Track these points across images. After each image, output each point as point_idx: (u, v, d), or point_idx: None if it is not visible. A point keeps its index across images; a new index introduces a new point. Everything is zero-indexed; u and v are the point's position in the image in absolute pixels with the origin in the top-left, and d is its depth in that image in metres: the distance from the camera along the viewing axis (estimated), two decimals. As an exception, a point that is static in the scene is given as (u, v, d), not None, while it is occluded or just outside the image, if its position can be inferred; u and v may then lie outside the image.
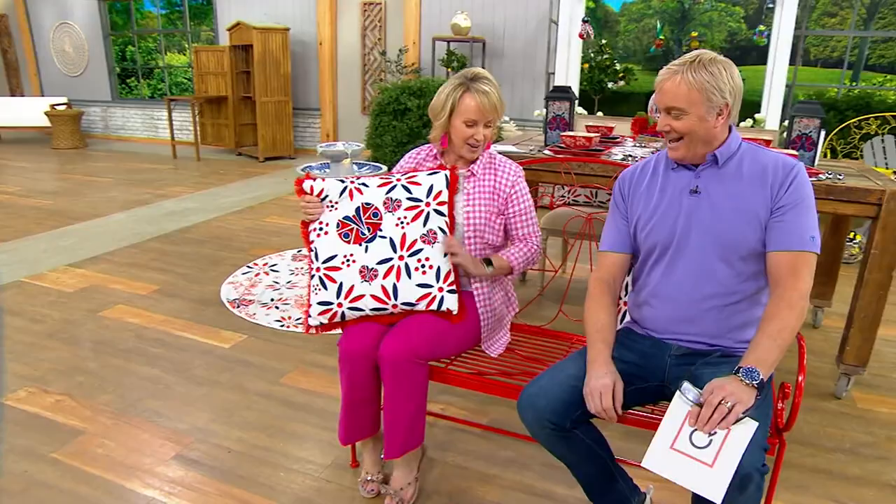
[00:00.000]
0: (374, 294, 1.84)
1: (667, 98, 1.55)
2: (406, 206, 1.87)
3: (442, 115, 1.94)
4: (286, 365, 2.78)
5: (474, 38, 6.96)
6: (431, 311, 1.86)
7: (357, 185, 1.90)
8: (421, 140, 6.05)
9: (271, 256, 4.19)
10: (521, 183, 2.03)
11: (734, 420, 1.34)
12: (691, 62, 1.52)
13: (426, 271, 1.84)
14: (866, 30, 6.31)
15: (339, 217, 1.87)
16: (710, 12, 8.01)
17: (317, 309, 1.88)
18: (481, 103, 1.88)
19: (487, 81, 1.92)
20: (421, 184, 1.89)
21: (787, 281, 1.50)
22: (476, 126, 1.91)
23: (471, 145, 1.95)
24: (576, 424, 1.55)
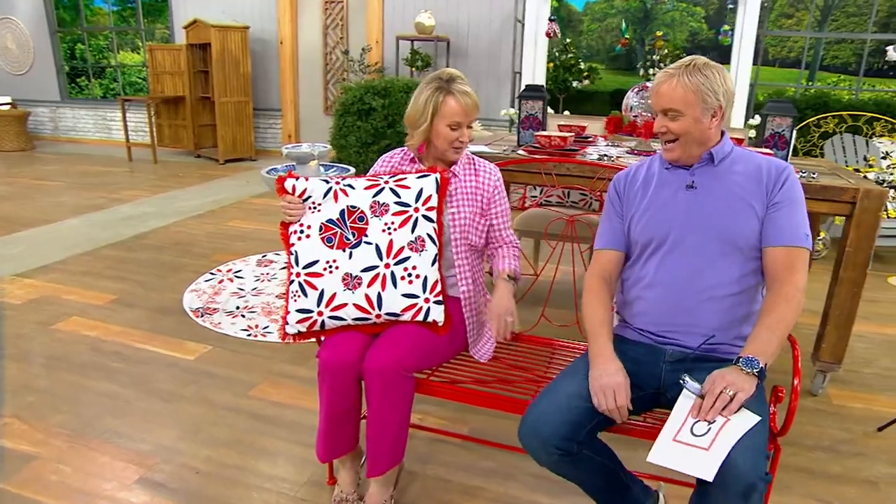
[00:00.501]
0: (357, 303, 1.75)
1: (664, 100, 1.60)
2: (394, 210, 1.78)
3: (422, 122, 1.85)
4: (254, 376, 2.65)
5: (439, 37, 6.89)
6: (416, 322, 1.77)
7: (343, 186, 1.80)
8: (386, 140, 5.95)
9: (235, 262, 4.04)
10: (502, 183, 2.01)
11: (736, 408, 1.36)
12: (686, 66, 1.58)
13: (413, 280, 1.76)
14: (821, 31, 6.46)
15: (322, 220, 1.77)
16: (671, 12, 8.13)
17: (295, 316, 1.78)
18: (465, 104, 1.83)
19: (463, 81, 1.88)
20: (410, 187, 1.80)
21: (784, 275, 1.53)
22: (461, 128, 1.86)
23: (456, 148, 1.89)
24: (583, 445, 1.49)
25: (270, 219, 5.09)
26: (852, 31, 6.80)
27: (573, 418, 1.48)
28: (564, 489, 2.03)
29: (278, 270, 3.90)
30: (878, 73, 7.00)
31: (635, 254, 1.74)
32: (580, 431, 1.48)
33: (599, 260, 1.79)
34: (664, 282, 1.65)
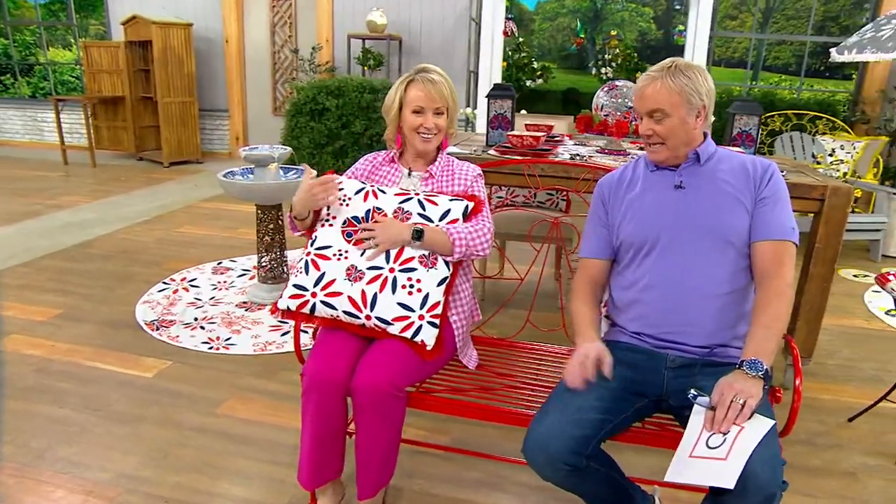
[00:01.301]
0: (352, 297, 1.69)
1: (649, 102, 1.59)
2: (414, 220, 1.75)
3: (392, 110, 1.88)
4: (221, 393, 2.50)
5: (391, 35, 6.78)
6: (404, 337, 1.68)
7: (376, 188, 1.81)
8: (340, 141, 5.81)
9: (189, 270, 3.83)
10: (480, 182, 1.96)
11: (749, 415, 1.33)
12: (669, 68, 1.59)
13: (413, 293, 1.70)
14: (763, 33, 6.67)
15: (348, 215, 1.77)
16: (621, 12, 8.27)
17: (290, 291, 1.74)
18: (427, 90, 1.81)
19: (436, 72, 1.87)
20: (438, 204, 1.79)
21: (773, 270, 1.53)
22: (424, 113, 1.83)
23: (421, 135, 1.85)
24: (590, 458, 1.44)
25: (223, 223, 4.88)
26: (792, 34, 7.08)
27: (583, 432, 1.43)
28: (553, 497, 1.98)
29: (235, 278, 3.73)
30: (816, 74, 7.32)
31: (627, 257, 1.71)
32: (589, 444, 1.43)
33: (586, 267, 1.78)
34: (660, 284, 1.62)
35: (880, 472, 2.18)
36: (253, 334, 3.02)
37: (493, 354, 2.03)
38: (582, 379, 1.48)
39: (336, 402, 1.63)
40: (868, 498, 2.05)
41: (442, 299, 1.71)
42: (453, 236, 1.71)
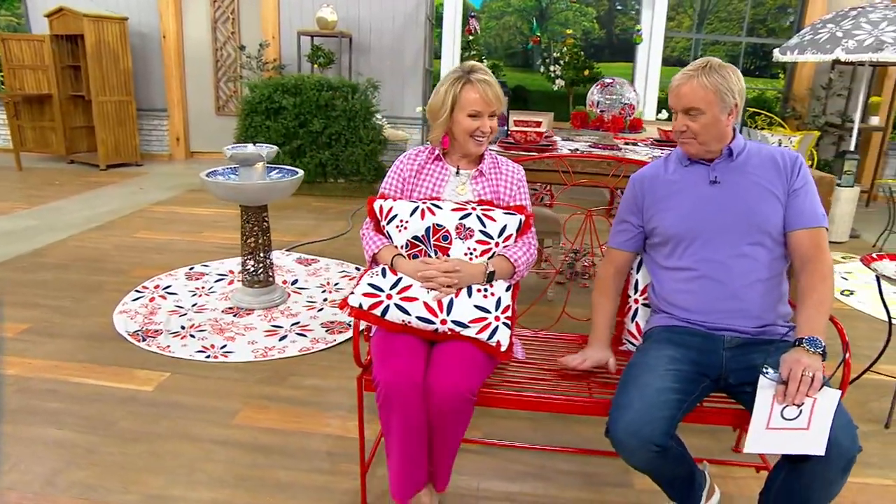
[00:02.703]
0: (427, 302, 1.66)
1: (685, 100, 1.67)
2: (478, 237, 1.75)
3: (442, 113, 1.83)
4: (232, 402, 2.39)
5: (342, 32, 6.66)
6: (477, 339, 1.67)
7: (429, 205, 1.78)
8: (298, 141, 5.66)
9: (161, 277, 3.63)
10: (525, 183, 1.97)
11: (819, 387, 1.40)
12: (703, 67, 1.67)
13: (487, 296, 1.71)
14: (699, 33, 7.00)
15: (408, 237, 1.76)
16: (565, 12, 8.47)
17: (364, 288, 1.71)
18: (484, 93, 1.79)
19: (485, 71, 1.85)
20: (496, 220, 1.79)
21: (815, 255, 1.63)
22: (481, 117, 1.81)
23: (476, 138, 1.83)
24: (672, 438, 1.49)
25: (183, 227, 4.64)
26: (725, 34, 7.51)
27: (669, 413, 1.48)
28: (602, 482, 2.02)
29: (213, 283, 3.56)
30: (748, 73, 7.77)
31: (667, 249, 1.78)
32: (673, 424, 1.48)
33: (613, 258, 1.91)
34: (707, 273, 1.69)
35: (875, 436, 2.36)
36: (248, 340, 2.89)
37: (535, 346, 2.04)
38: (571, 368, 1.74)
39: (419, 407, 1.58)
40: (868, 459, 2.20)
41: (511, 302, 1.75)
42: (517, 265, 1.79)
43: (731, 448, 2.22)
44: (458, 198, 1.87)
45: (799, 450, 1.36)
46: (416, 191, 1.88)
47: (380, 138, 5.87)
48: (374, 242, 1.83)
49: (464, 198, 1.87)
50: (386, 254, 1.78)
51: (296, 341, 2.90)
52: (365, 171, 5.79)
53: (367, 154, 5.76)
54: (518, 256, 1.79)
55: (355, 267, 3.93)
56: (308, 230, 4.71)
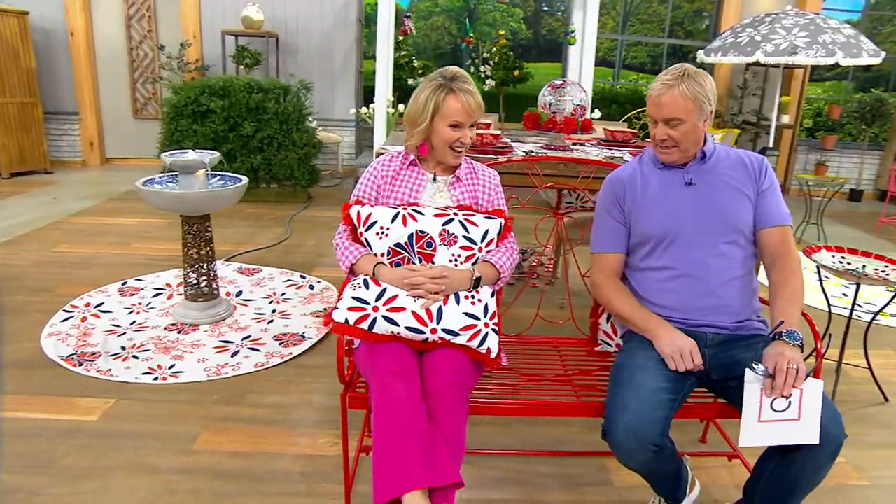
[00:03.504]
0: (416, 311, 1.60)
1: (666, 110, 1.68)
2: (462, 244, 1.71)
3: (422, 121, 1.77)
4: (190, 427, 2.24)
5: (269, 32, 6.44)
6: (467, 347, 1.63)
7: (410, 211, 1.72)
8: (228, 145, 5.42)
9: (91, 294, 3.37)
10: (500, 185, 1.94)
11: (804, 378, 1.46)
12: (681, 75, 1.68)
13: (475, 303, 1.67)
14: (623, 34, 7.25)
15: (390, 244, 1.69)
16: (493, 12, 8.56)
17: (349, 303, 1.62)
18: (467, 103, 1.75)
19: (467, 79, 1.80)
20: (478, 225, 1.75)
21: (784, 252, 1.71)
22: (462, 128, 1.76)
23: (455, 149, 1.79)
24: (667, 437, 1.51)
25: (109, 240, 4.34)
26: (646, 35, 7.83)
27: (664, 413, 1.50)
28: (581, 483, 2.04)
29: (151, 298, 3.34)
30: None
31: (645, 249, 1.80)
32: (668, 423, 1.50)
33: (605, 262, 1.86)
34: (687, 272, 1.73)
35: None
36: (198, 358, 2.73)
37: (513, 351, 2.03)
38: (689, 367, 1.59)
39: (417, 402, 1.47)
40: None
41: (496, 309, 1.72)
42: (502, 270, 1.77)
43: (699, 439, 2.30)
44: (436, 204, 1.82)
45: (794, 440, 1.41)
46: (391, 197, 1.82)
47: (313, 141, 5.71)
48: (350, 252, 1.76)
49: (441, 204, 1.83)
50: (366, 263, 1.72)
51: (249, 357, 2.77)
52: (299, 175, 5.62)
53: (301, 158, 5.59)
54: (503, 262, 1.78)
55: (300, 275, 3.80)
56: (245, 238, 4.52)
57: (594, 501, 1.96)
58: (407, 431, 1.39)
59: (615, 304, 1.79)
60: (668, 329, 1.65)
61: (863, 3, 7.21)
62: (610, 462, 2.14)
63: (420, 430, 1.41)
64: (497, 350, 1.66)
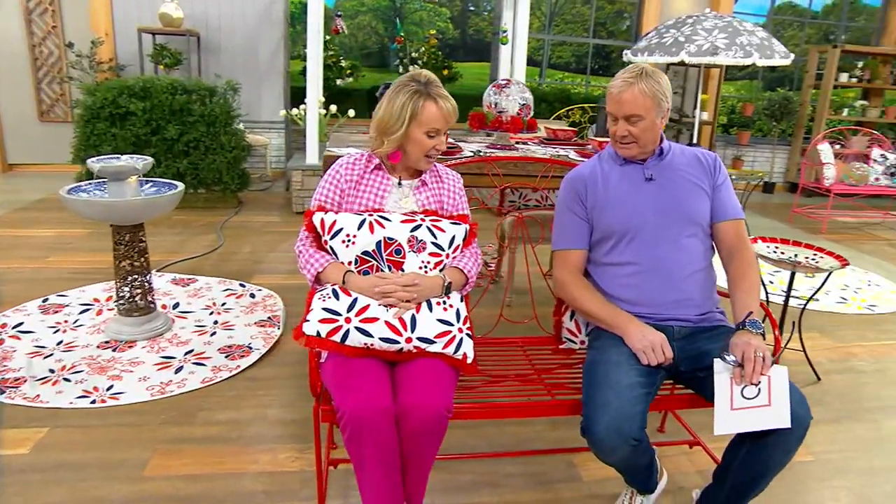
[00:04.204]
0: (389, 321, 1.55)
1: (626, 107, 1.72)
2: (430, 250, 1.67)
3: (397, 128, 1.70)
4: (138, 452, 2.09)
5: (190, 30, 6.15)
6: (444, 354, 1.60)
7: (377, 217, 1.66)
8: (151, 149, 5.13)
9: (7, 314, 3.09)
10: (464, 188, 1.92)
11: (770, 364, 1.52)
12: (639, 74, 1.72)
13: (447, 309, 1.64)
14: (548, 34, 7.41)
15: (357, 252, 1.63)
16: (419, 12, 8.51)
17: (320, 314, 1.55)
18: (445, 109, 1.71)
19: (439, 84, 1.76)
20: (445, 231, 1.71)
21: (740, 245, 1.79)
22: (438, 135, 1.72)
23: (429, 157, 1.74)
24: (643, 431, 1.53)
25: (23, 253, 4.00)
26: (571, 35, 8.03)
27: (641, 407, 1.52)
28: (551, 480, 2.05)
29: (78, 315, 3.11)
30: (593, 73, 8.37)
31: (609, 244, 1.83)
32: (645, 417, 1.53)
33: (568, 259, 1.87)
34: (651, 267, 1.77)
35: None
36: (139, 377, 2.56)
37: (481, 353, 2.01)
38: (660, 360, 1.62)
39: (391, 433, 1.47)
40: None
41: (467, 313, 1.70)
42: (470, 275, 1.76)
43: (657, 429, 2.36)
44: (402, 209, 1.78)
45: (767, 425, 1.47)
46: (356, 202, 1.76)
47: (243, 144, 5.50)
48: (315, 260, 1.69)
49: (407, 209, 1.78)
50: (334, 272, 1.65)
51: (195, 372, 2.62)
52: (228, 179, 5.40)
53: (231, 162, 5.37)
54: (470, 267, 1.76)
55: (239, 283, 3.64)
56: (175, 247, 4.29)
57: (566, 498, 1.97)
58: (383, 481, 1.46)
59: (582, 302, 1.80)
60: (638, 324, 1.68)
61: (766, 8, 7.69)
62: (576, 457, 2.16)
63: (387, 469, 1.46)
64: (473, 355, 1.64)
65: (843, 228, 6.08)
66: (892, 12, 7.89)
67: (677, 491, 2.02)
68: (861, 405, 2.68)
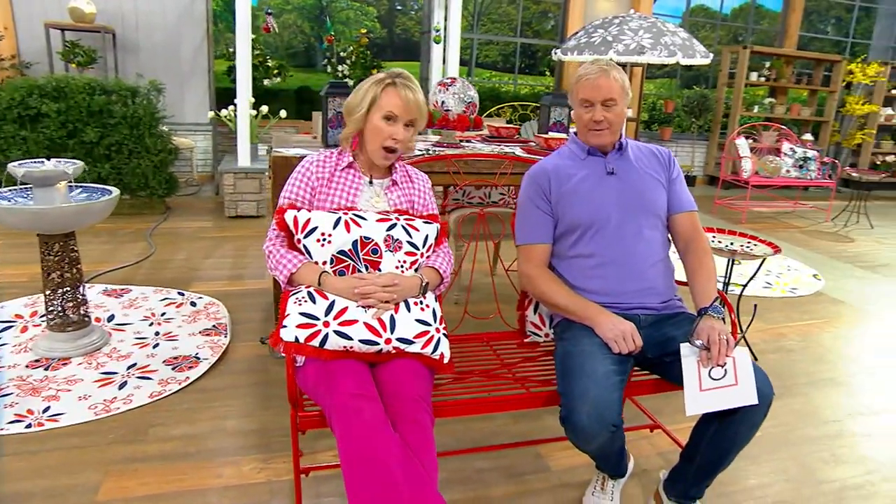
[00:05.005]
0: (368, 322, 1.53)
1: (604, 91, 1.78)
2: (406, 249, 1.66)
3: (358, 111, 1.71)
4: (88, 475, 1.96)
5: (105, 27, 5.81)
6: (423, 354, 1.59)
7: (352, 216, 1.64)
8: (69, 153, 4.82)
9: (-82, 336, 2.83)
10: (432, 189, 1.93)
11: (734, 346, 1.61)
12: (609, 63, 1.81)
13: (424, 309, 1.63)
14: (475, 33, 7.50)
15: (333, 251, 1.59)
16: (346, 11, 8.37)
17: (297, 319, 1.50)
18: (405, 98, 1.70)
19: (412, 80, 1.76)
20: (419, 230, 1.71)
21: (696, 235, 1.89)
22: (395, 123, 1.70)
23: (387, 149, 1.72)
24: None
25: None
26: (498, 34, 8.14)
27: (618, 394, 1.56)
28: (521, 472, 2.07)
29: (0, 333, 2.88)
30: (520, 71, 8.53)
31: (574, 237, 1.87)
32: (621, 404, 1.57)
33: (534, 253, 1.91)
34: (616, 257, 1.83)
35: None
36: (78, 395, 2.40)
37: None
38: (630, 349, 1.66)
39: (386, 425, 1.39)
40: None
41: (441, 313, 1.69)
42: (445, 274, 1.76)
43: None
44: (374, 208, 1.75)
45: (736, 403, 1.55)
46: (327, 200, 1.72)
47: (169, 147, 5.26)
48: (288, 261, 1.63)
49: (379, 208, 1.76)
50: (308, 273, 1.60)
51: (141, 386, 2.48)
52: (155, 184, 5.15)
53: (157, 165, 5.12)
54: (444, 266, 1.77)
55: (178, 292, 3.48)
56: (103, 256, 4.05)
57: (538, 489, 2.00)
58: (386, 462, 1.32)
59: (550, 295, 1.83)
60: (608, 314, 1.73)
61: (681, 10, 8.08)
62: (542, 449, 2.20)
63: (398, 456, 1.34)
64: (449, 354, 1.64)
65: (760, 218, 6.49)
66: (792, 16, 8.48)
67: (642, 473, 2.10)
68: (794, 381, 2.87)
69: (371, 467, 1.30)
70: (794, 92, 8.60)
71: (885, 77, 8.22)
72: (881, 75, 8.13)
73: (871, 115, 8.44)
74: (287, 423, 2.27)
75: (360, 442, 1.33)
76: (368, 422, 1.36)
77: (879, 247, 5.68)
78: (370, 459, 1.31)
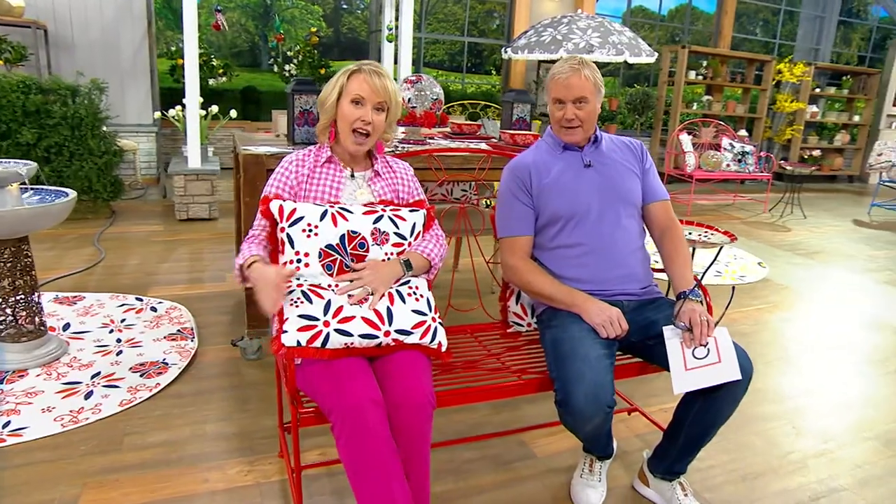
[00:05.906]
0: (366, 317, 1.52)
1: (576, 90, 1.84)
2: (393, 241, 1.66)
3: (329, 100, 1.73)
4: (64, 489, 1.87)
5: (37, 23, 5.53)
6: (419, 345, 1.60)
7: (338, 209, 1.62)
8: (2, 155, 4.56)
9: None
10: (415, 175, 1.93)
11: (714, 326, 1.69)
12: (580, 61, 1.86)
13: (419, 298, 1.64)
14: (421, 33, 7.53)
15: (321, 245, 1.57)
16: (291, 9, 8.21)
17: (297, 323, 1.47)
18: (371, 82, 1.70)
19: (380, 67, 1.76)
20: (406, 219, 1.71)
21: (670, 223, 1.97)
22: (363, 105, 1.70)
23: (358, 131, 1.71)
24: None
25: None
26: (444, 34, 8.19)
27: (610, 376, 1.63)
28: (507, 461, 2.11)
29: (-54, 348, 2.71)
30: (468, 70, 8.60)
31: (556, 228, 1.93)
32: (613, 385, 1.63)
33: (516, 245, 1.95)
34: (597, 247, 1.89)
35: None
36: (41, 408, 2.28)
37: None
38: (618, 333, 1.71)
39: (387, 427, 1.44)
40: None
41: (435, 302, 1.70)
42: (431, 257, 1.75)
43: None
44: (358, 201, 1.75)
45: (720, 380, 1.63)
46: (310, 197, 1.71)
47: (113, 149, 5.05)
48: (243, 254, 1.63)
49: (363, 200, 1.76)
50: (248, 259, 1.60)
51: (109, 395, 2.39)
52: (100, 187, 4.94)
53: (101, 168, 4.91)
54: (431, 250, 1.76)
55: (135, 297, 3.36)
56: (50, 263, 3.85)
57: (526, 476, 2.04)
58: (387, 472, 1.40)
59: (535, 285, 1.87)
60: (594, 301, 1.78)
61: (622, 11, 8.35)
62: (525, 436, 2.25)
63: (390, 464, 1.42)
64: (446, 343, 1.65)
65: (704, 210, 6.78)
66: (725, 18, 8.90)
67: (622, 455, 2.17)
68: (751, 362, 3.02)
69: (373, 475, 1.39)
70: (730, 90, 9.01)
71: (809, 77, 8.73)
72: (806, 75, 8.63)
73: (798, 112, 8.95)
74: (269, 424, 2.23)
75: (364, 448, 1.39)
76: (373, 430, 1.40)
77: (812, 235, 6.04)
78: (372, 468, 1.39)
